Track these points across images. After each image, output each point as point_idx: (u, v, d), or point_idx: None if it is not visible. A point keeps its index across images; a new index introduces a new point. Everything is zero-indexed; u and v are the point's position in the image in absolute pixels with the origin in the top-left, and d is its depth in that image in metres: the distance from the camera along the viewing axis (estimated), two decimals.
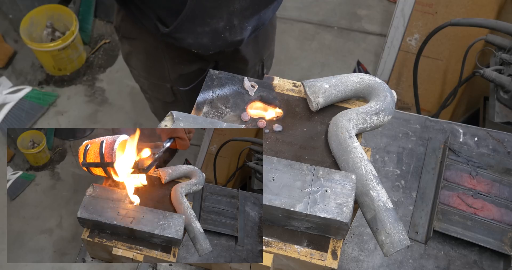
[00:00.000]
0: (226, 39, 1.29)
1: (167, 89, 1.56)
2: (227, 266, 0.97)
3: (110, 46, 2.84)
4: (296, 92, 1.10)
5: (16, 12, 2.68)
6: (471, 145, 1.40)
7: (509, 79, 1.64)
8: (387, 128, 1.42)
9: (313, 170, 0.90)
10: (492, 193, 1.29)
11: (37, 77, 2.73)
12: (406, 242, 0.89)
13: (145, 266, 1.10)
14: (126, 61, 1.57)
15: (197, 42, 1.29)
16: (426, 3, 2.17)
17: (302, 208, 0.86)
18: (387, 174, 1.36)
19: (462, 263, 1.23)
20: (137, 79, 1.63)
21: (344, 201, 0.87)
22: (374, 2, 3.08)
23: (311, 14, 3.02)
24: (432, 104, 2.39)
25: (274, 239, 0.92)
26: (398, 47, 2.31)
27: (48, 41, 2.60)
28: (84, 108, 2.64)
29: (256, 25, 1.33)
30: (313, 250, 0.90)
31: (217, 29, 1.25)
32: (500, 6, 2.09)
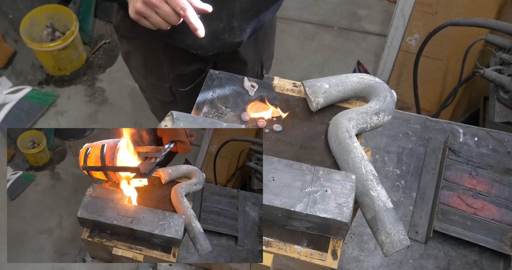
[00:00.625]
0: (225, 40, 1.29)
1: (166, 89, 1.56)
2: (227, 266, 0.97)
3: (110, 46, 2.84)
4: (296, 92, 1.10)
5: (16, 12, 2.68)
6: (471, 145, 1.40)
7: (509, 79, 1.65)
8: (387, 128, 1.42)
9: (313, 170, 0.90)
10: (492, 193, 1.29)
11: (37, 77, 2.73)
12: (406, 242, 0.89)
13: (145, 266, 1.10)
14: (125, 60, 1.57)
15: (196, 43, 1.29)
16: (426, 3, 2.17)
17: (302, 208, 0.86)
18: (387, 174, 1.36)
19: (462, 263, 1.23)
20: (136, 79, 1.63)
21: (344, 201, 0.87)
22: (374, 2, 3.08)
23: (311, 14, 3.02)
24: (432, 104, 2.39)
25: (274, 239, 0.92)
26: (398, 47, 2.31)
27: (48, 41, 2.60)
28: (84, 108, 2.64)
29: (255, 27, 1.33)
30: (313, 250, 0.90)
31: (216, 30, 1.25)
32: (500, 6, 2.09)
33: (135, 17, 0.96)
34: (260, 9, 1.27)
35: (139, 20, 0.97)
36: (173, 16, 0.92)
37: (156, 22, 0.94)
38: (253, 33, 1.35)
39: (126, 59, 1.56)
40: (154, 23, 0.95)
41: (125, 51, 1.53)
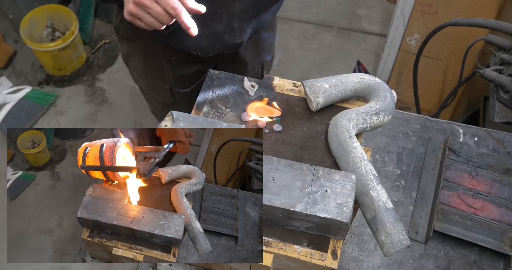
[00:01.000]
0: (226, 41, 1.29)
1: (166, 91, 1.56)
2: (227, 266, 0.97)
3: (110, 46, 2.84)
4: (296, 92, 1.10)
5: (16, 12, 2.68)
6: (471, 145, 1.40)
7: (509, 79, 1.64)
8: (387, 128, 1.42)
9: (313, 170, 0.90)
10: (492, 193, 1.29)
11: (37, 77, 2.73)
12: (406, 242, 0.89)
13: (145, 266, 1.10)
14: (125, 62, 1.57)
15: (196, 44, 1.29)
16: (426, 3, 2.17)
17: (302, 208, 0.86)
18: (387, 174, 1.36)
19: (462, 263, 1.23)
20: (136, 80, 1.63)
21: (344, 201, 0.87)
22: (374, 2, 3.08)
23: (311, 14, 3.02)
24: (432, 104, 2.39)
25: (274, 239, 0.92)
26: (398, 47, 2.31)
27: (48, 41, 2.60)
28: (84, 108, 2.64)
29: (255, 28, 1.33)
30: (313, 250, 0.90)
31: (216, 31, 1.25)
32: (500, 6, 2.09)
33: (129, 18, 0.97)
34: (260, 10, 1.27)
35: (134, 22, 0.98)
36: (165, 16, 0.93)
37: (149, 23, 0.95)
38: (253, 34, 1.35)
39: (126, 60, 1.56)
40: (147, 24, 0.96)
41: (125, 53, 1.53)
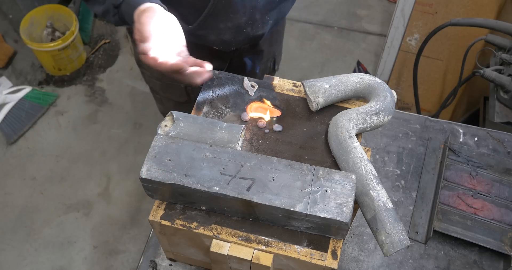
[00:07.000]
0: (248, 34, 1.29)
1: (181, 89, 1.56)
2: (227, 266, 0.97)
3: (110, 46, 2.84)
4: (296, 92, 1.10)
5: (16, 12, 2.68)
6: (471, 145, 1.40)
7: (509, 79, 1.64)
8: (387, 128, 1.42)
9: (313, 170, 0.90)
10: (492, 193, 1.29)
11: (37, 77, 2.73)
12: (406, 242, 0.89)
13: (145, 266, 1.10)
14: (137, 62, 1.56)
15: (219, 39, 1.29)
16: (426, 3, 2.17)
17: (302, 208, 0.86)
18: (387, 174, 1.36)
19: (462, 263, 1.23)
20: (148, 80, 1.62)
21: (344, 201, 0.87)
22: (374, 2, 3.08)
23: (311, 14, 3.03)
24: (432, 104, 2.39)
25: (274, 239, 0.92)
26: (398, 47, 2.31)
27: (48, 41, 2.60)
28: (84, 108, 2.64)
29: (276, 18, 1.33)
30: (313, 250, 0.90)
31: (239, 24, 1.25)
32: (500, 6, 2.09)
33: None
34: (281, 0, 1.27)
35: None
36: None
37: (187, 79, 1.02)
38: (274, 24, 1.35)
39: (139, 61, 1.55)
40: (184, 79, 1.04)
41: None
